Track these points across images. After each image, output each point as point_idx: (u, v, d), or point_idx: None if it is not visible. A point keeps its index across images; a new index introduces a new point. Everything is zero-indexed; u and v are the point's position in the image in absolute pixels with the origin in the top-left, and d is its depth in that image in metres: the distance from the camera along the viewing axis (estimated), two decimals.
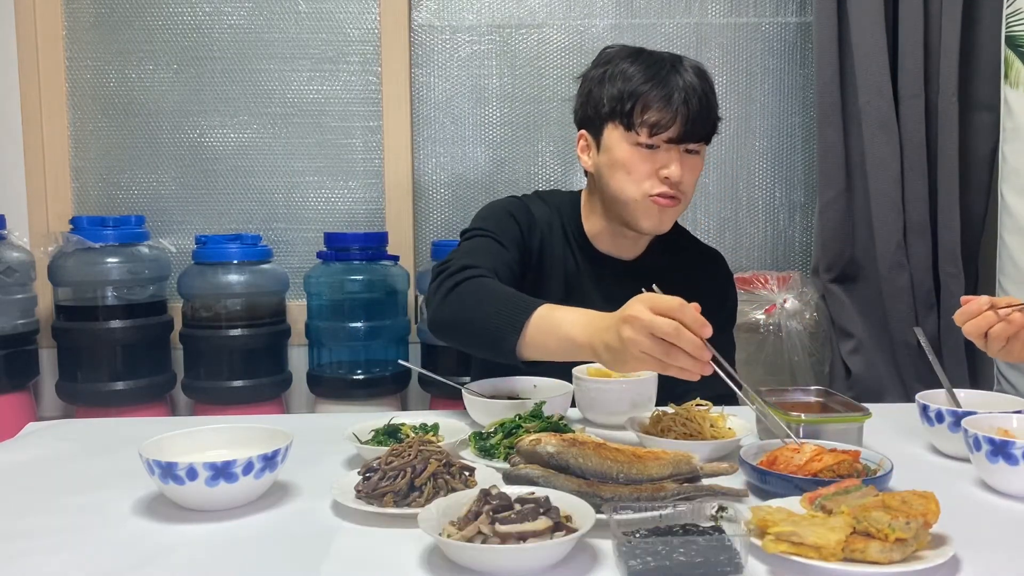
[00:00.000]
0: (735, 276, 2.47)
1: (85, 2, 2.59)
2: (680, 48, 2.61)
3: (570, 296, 1.58)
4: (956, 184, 2.34)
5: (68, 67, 2.60)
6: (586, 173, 1.63)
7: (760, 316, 2.38)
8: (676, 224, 1.71)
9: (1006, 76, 2.09)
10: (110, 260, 2.35)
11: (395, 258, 2.50)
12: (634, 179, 1.49)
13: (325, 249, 2.46)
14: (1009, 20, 2.07)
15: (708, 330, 1.05)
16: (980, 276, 2.46)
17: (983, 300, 1.23)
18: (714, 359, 1.06)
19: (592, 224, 1.63)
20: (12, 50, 2.55)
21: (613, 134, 1.50)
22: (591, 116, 1.53)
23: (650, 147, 1.47)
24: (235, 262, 2.39)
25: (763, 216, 2.68)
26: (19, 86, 2.56)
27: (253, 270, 2.41)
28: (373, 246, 2.44)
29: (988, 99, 2.33)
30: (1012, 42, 2.06)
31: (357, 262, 2.42)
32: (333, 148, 2.64)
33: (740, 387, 1.14)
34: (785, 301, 2.39)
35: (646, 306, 1.07)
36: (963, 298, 1.27)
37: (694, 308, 1.06)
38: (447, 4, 2.61)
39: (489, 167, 2.66)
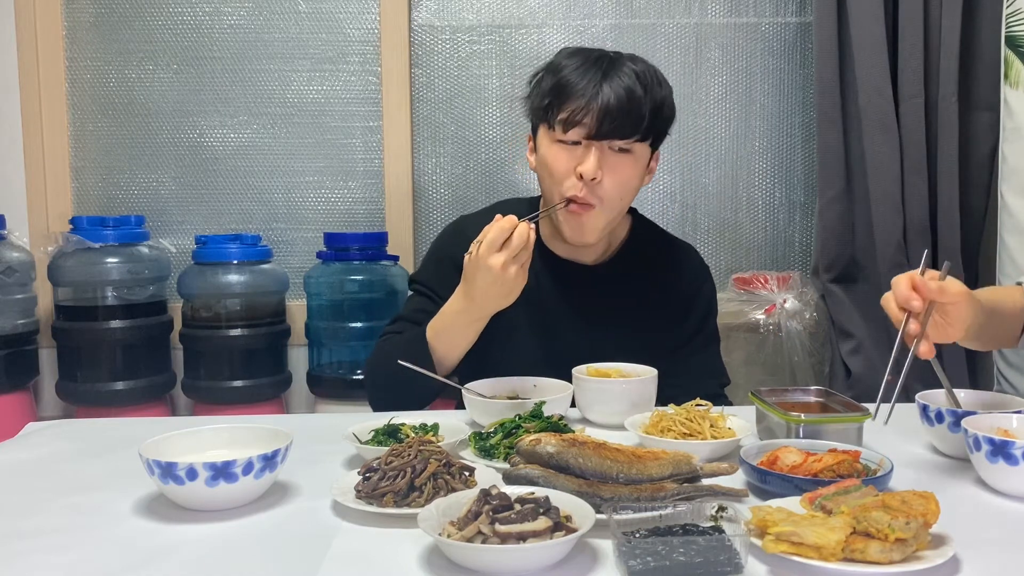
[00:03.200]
0: (735, 276, 2.50)
1: (85, 2, 2.59)
2: (680, 48, 2.62)
3: (532, 304, 1.54)
4: (956, 184, 2.34)
5: (68, 67, 2.60)
6: None
7: (760, 316, 2.38)
8: (644, 220, 1.68)
9: (1006, 76, 2.09)
10: (110, 260, 2.35)
11: (395, 258, 2.50)
12: (555, 179, 1.44)
13: (325, 249, 2.46)
14: (1009, 20, 2.07)
15: (503, 219, 1.32)
16: (980, 276, 2.46)
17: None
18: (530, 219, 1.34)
19: (543, 225, 1.60)
20: (12, 50, 2.55)
21: (542, 132, 1.47)
22: (530, 116, 1.52)
23: (574, 144, 1.41)
24: (235, 262, 2.39)
25: (763, 216, 2.68)
26: (19, 86, 2.56)
27: (253, 270, 2.41)
28: (373, 246, 2.44)
29: (988, 99, 2.33)
30: (1012, 42, 2.06)
31: (357, 262, 2.42)
32: (333, 148, 2.64)
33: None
34: (785, 301, 2.39)
35: (484, 246, 1.32)
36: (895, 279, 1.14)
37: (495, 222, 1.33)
38: (447, 4, 2.61)
39: (489, 167, 2.66)
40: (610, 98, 1.38)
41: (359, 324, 2.43)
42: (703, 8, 2.62)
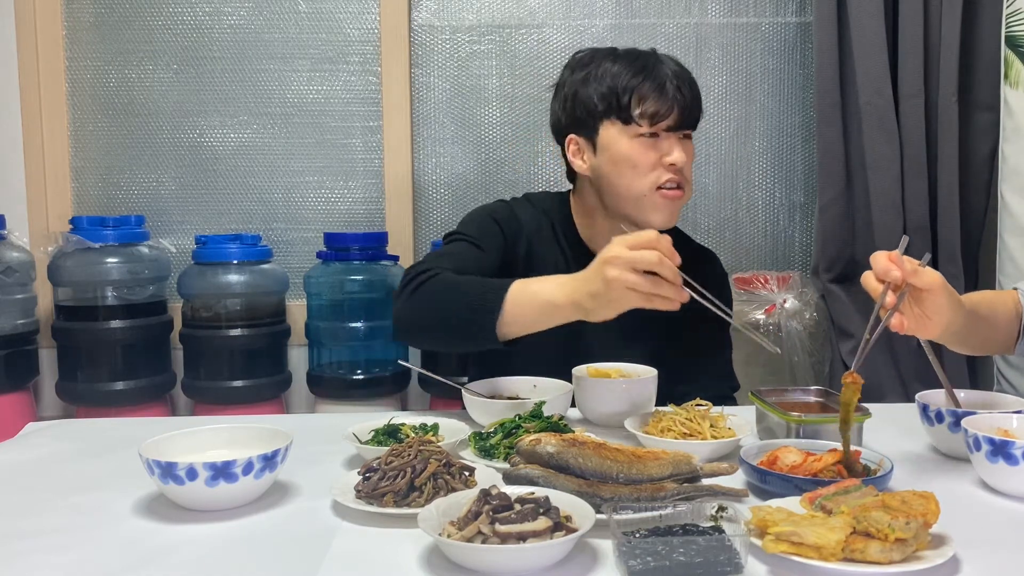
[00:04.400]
0: (735, 276, 2.50)
1: (85, 2, 2.59)
2: (680, 48, 2.61)
3: None
4: (956, 184, 2.34)
5: (68, 67, 2.60)
6: (570, 178, 1.63)
7: (760, 316, 2.38)
8: None
9: (1006, 76, 2.09)
10: (110, 260, 2.35)
11: (395, 258, 2.50)
12: (641, 172, 1.49)
13: (325, 249, 2.46)
14: (1009, 20, 2.07)
15: (678, 257, 1.15)
16: (980, 276, 2.46)
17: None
18: (689, 286, 1.16)
19: (586, 226, 1.62)
20: (12, 50, 2.55)
21: (611, 131, 1.50)
22: (581, 118, 1.53)
23: (652, 136, 1.48)
24: (235, 262, 2.39)
25: (763, 216, 2.68)
26: (19, 86, 2.56)
27: (253, 270, 2.41)
28: (373, 246, 2.44)
29: (988, 99, 2.33)
30: (1012, 42, 2.06)
31: (357, 262, 2.42)
32: (333, 148, 2.64)
33: (726, 313, 1.21)
34: (785, 301, 2.39)
35: (624, 245, 1.15)
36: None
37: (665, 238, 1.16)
38: (447, 4, 2.61)
39: (489, 167, 2.66)
40: (686, 90, 1.50)
41: (359, 324, 2.43)
42: (703, 8, 2.62)
